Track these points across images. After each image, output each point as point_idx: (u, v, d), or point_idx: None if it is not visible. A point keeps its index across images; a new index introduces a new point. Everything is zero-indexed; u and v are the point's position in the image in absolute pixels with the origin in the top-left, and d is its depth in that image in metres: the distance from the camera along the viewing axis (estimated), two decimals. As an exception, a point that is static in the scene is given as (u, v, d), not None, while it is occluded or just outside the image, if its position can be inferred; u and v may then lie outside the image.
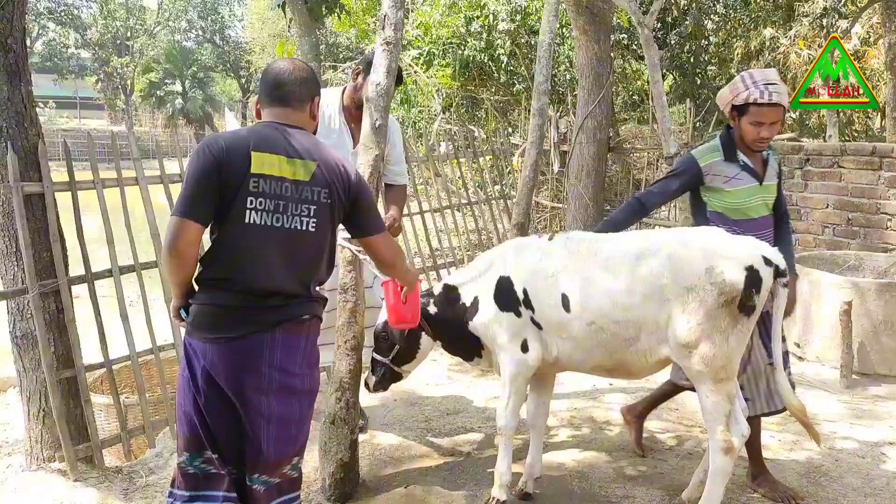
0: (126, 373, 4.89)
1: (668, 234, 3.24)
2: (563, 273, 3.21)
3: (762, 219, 3.47)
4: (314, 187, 2.44)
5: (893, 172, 5.92)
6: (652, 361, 3.17)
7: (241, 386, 2.41)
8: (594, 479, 3.74)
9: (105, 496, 3.65)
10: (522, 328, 3.29)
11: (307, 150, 2.47)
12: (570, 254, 3.25)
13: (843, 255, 5.95)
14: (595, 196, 8.72)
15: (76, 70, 46.78)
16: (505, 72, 12.45)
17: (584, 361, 3.28)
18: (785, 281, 3.07)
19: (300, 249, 2.46)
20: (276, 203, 2.38)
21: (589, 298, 3.13)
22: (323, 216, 2.48)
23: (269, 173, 2.37)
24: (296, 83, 2.55)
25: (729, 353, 3.01)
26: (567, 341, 3.23)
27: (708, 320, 2.96)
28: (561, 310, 3.18)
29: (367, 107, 3.58)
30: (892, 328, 4.98)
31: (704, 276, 2.96)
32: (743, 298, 2.95)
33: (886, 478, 3.72)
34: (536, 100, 5.17)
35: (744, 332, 3.03)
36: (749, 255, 3.00)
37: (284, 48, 9.57)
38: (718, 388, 3.04)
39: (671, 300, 3.01)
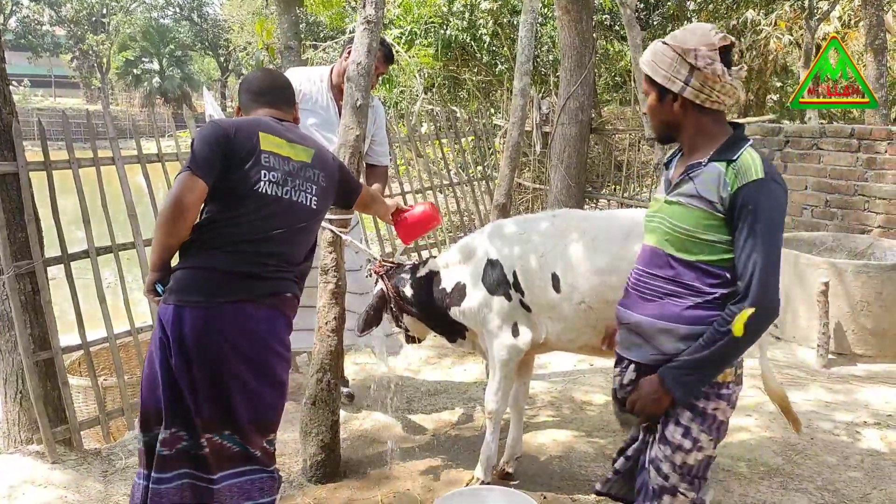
0: (104, 355, 4.85)
1: None
2: (552, 253, 3.21)
3: (646, 251, 2.27)
4: (314, 170, 2.65)
5: (871, 154, 5.97)
6: None
7: (219, 350, 2.41)
8: (574, 459, 3.78)
9: (83, 478, 3.63)
10: (513, 312, 3.28)
11: (304, 139, 2.72)
12: (558, 233, 3.24)
13: (821, 237, 6.00)
14: (577, 177, 8.73)
15: (51, 48, 45.96)
16: (487, 52, 12.38)
17: (574, 341, 3.29)
18: None
19: (299, 223, 2.59)
20: (284, 177, 2.54)
21: (578, 278, 3.13)
22: (322, 197, 2.67)
23: (277, 152, 2.55)
24: (284, 88, 2.79)
25: None
26: (557, 322, 3.23)
27: None
28: (551, 290, 3.18)
29: (349, 86, 3.55)
30: (868, 308, 5.04)
31: None
32: None
33: (861, 455, 3.78)
34: (518, 80, 5.15)
35: None
36: None
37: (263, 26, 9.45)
38: None
39: None
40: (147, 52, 41.81)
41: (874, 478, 3.56)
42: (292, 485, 3.58)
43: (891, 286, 5.00)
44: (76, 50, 43.53)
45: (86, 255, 4.13)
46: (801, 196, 6.46)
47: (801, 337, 5.29)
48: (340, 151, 3.47)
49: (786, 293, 5.37)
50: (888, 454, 3.80)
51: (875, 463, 3.71)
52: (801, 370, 4.96)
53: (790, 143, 6.51)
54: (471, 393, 4.65)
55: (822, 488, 3.47)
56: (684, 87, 2.06)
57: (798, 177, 6.47)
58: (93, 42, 42.41)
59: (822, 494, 3.42)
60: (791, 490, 3.46)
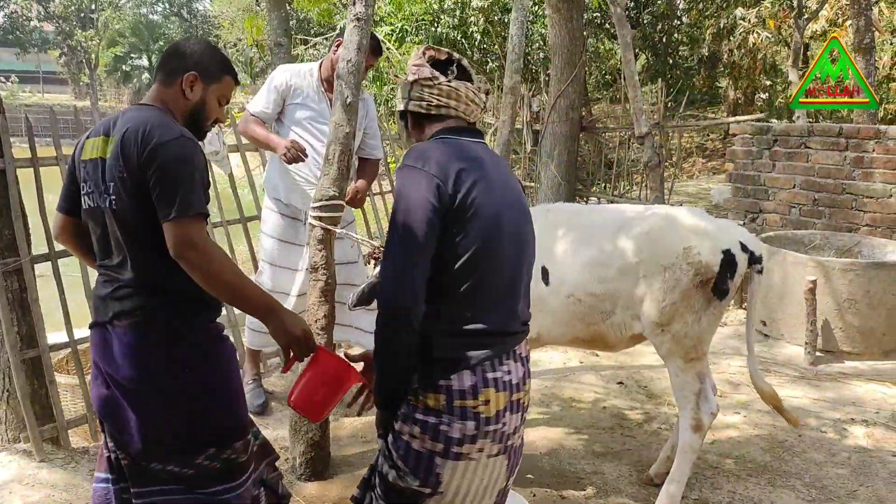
0: (92, 352, 4.82)
1: (650, 210, 3.24)
2: (541, 246, 3.21)
3: None
4: (112, 162, 2.18)
5: (859, 153, 6.00)
6: (626, 336, 3.20)
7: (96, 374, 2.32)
8: (563, 456, 3.79)
9: (71, 477, 3.61)
10: None
11: (122, 126, 2.21)
12: (550, 226, 3.24)
13: (808, 235, 6.03)
14: (567, 175, 8.75)
15: (39, 43, 45.60)
16: (478, 49, 12.40)
17: (564, 334, 3.29)
18: (759, 267, 3.09)
19: (113, 229, 2.22)
20: (92, 184, 2.24)
21: (567, 270, 3.14)
22: (119, 192, 2.16)
23: (89, 157, 2.26)
24: (165, 56, 2.38)
25: (700, 333, 3.06)
26: (546, 315, 3.22)
27: (682, 300, 2.99)
28: (541, 283, 3.17)
29: (338, 83, 3.53)
30: (855, 306, 5.07)
31: (681, 256, 2.99)
32: (717, 281, 2.99)
33: (848, 452, 3.81)
34: (508, 78, 5.15)
35: (716, 314, 3.07)
36: (727, 239, 3.03)
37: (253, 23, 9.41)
38: (688, 367, 3.11)
39: (647, 277, 3.04)
40: (136, 49, 41.51)
41: (861, 474, 3.59)
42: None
43: (878, 284, 5.03)
44: (64, 46, 43.20)
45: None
46: (789, 195, 6.49)
47: (789, 335, 5.32)
48: (330, 148, 3.47)
49: (774, 291, 5.40)
50: (875, 451, 3.83)
51: (862, 460, 3.74)
52: (789, 367, 4.99)
53: (778, 142, 6.54)
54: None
55: (810, 485, 3.50)
56: (408, 102, 2.11)
57: (786, 175, 6.50)
58: (81, 38, 42.08)
59: (809, 491, 3.44)
60: (779, 487, 3.48)
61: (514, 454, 2.04)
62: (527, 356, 2.06)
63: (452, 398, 1.89)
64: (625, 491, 3.45)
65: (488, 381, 1.91)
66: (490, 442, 1.93)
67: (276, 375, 4.80)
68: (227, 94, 2.43)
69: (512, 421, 1.97)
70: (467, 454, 1.91)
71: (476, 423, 1.90)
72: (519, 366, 2.00)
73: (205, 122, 2.40)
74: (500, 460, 1.97)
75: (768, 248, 5.50)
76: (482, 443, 1.91)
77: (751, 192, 6.80)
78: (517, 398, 1.98)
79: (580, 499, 3.39)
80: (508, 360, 1.97)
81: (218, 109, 2.42)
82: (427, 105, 2.07)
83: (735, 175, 6.96)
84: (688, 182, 13.25)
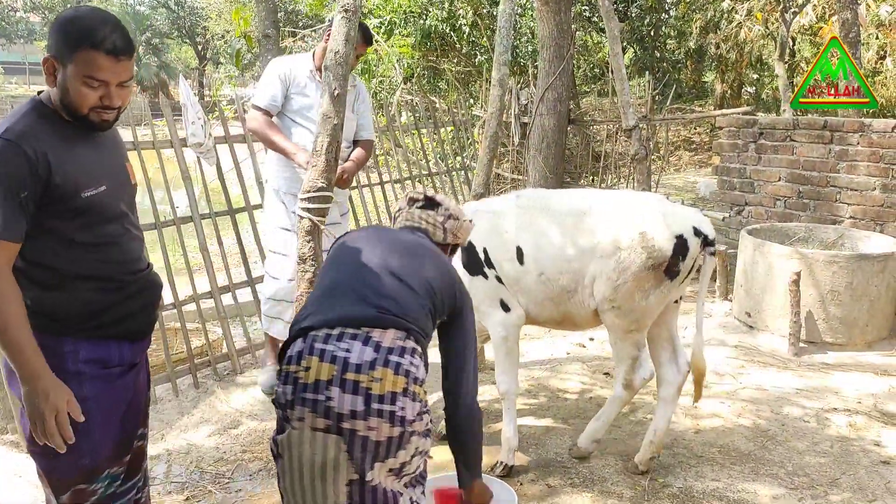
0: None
1: (610, 195, 3.50)
2: (516, 228, 3.40)
3: None
4: None
5: (844, 146, 6.05)
6: (589, 313, 3.39)
7: None
8: (550, 446, 3.82)
9: (60, 468, 3.61)
10: (495, 289, 3.42)
11: None
12: (521, 210, 3.44)
13: (793, 227, 6.08)
14: (555, 168, 8.78)
15: (25, 34, 45.14)
16: (467, 42, 12.38)
17: (539, 315, 3.48)
18: (712, 250, 3.30)
19: None
20: None
21: (539, 250, 3.33)
22: None
23: None
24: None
25: (646, 309, 3.29)
26: (523, 295, 3.41)
27: (633, 280, 3.21)
28: (516, 263, 3.36)
29: (326, 75, 3.54)
30: (838, 298, 5.13)
31: (637, 239, 3.19)
32: (670, 264, 3.20)
33: (830, 441, 3.86)
34: (496, 70, 5.16)
35: (664, 293, 3.28)
36: (680, 225, 3.23)
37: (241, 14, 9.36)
38: (627, 336, 3.37)
39: (603, 257, 3.24)
40: (123, 40, 41.20)
41: (843, 463, 3.64)
42: (270, 473, 3.59)
43: (860, 276, 5.09)
44: (50, 37, 42.81)
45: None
46: (774, 187, 6.55)
47: (773, 326, 5.37)
48: (319, 140, 3.48)
49: (758, 283, 5.45)
50: (856, 440, 3.88)
51: (844, 448, 3.79)
52: (772, 358, 5.05)
53: (764, 135, 6.58)
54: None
55: (793, 473, 3.55)
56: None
57: (772, 168, 6.55)
58: (67, 29, 41.71)
59: (792, 479, 3.49)
60: (762, 475, 3.53)
61: (357, 441, 1.99)
62: (390, 347, 2.06)
63: (283, 364, 2.09)
64: (610, 479, 3.49)
65: (314, 349, 2.03)
66: (309, 412, 1.99)
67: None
68: (95, 71, 1.95)
69: (344, 400, 1.97)
70: (290, 420, 2.03)
71: (294, 387, 2.02)
72: (368, 349, 2.03)
73: (79, 112, 2.01)
74: (333, 440, 1.98)
75: (753, 240, 5.55)
76: (301, 410, 2.00)
77: (737, 184, 6.85)
78: (353, 378, 1.98)
79: (567, 487, 3.42)
80: (353, 341, 2.03)
81: (91, 93, 1.98)
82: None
83: (721, 168, 7.01)
84: (675, 175, 13.31)
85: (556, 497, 3.34)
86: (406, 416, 2.01)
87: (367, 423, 1.98)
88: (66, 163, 2.00)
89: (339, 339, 2.04)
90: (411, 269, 2.26)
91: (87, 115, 2.01)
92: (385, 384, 1.99)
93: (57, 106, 2.03)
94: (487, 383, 4.64)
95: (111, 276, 2.15)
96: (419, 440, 2.07)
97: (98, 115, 2.03)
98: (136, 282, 2.24)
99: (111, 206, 2.14)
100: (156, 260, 4.55)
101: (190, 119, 4.72)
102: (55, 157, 1.97)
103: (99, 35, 1.93)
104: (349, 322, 2.07)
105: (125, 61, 1.99)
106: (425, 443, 2.11)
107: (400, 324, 2.11)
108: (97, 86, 1.96)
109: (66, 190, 2.00)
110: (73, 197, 2.02)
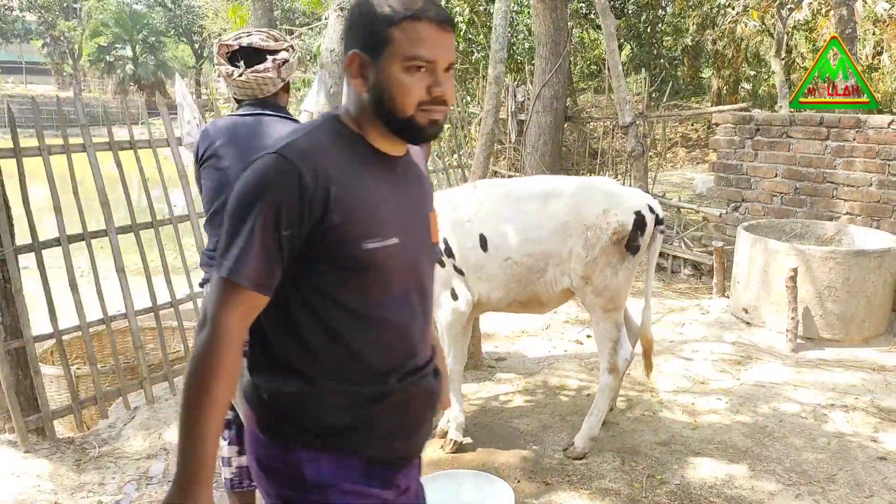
0: (78, 343, 4.82)
1: (566, 180, 3.69)
2: (476, 217, 3.56)
3: None
4: None
5: (840, 142, 6.05)
6: (557, 292, 3.59)
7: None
8: (548, 443, 3.82)
9: (57, 467, 3.61)
10: (449, 278, 3.59)
11: None
12: (479, 200, 3.61)
13: (790, 223, 6.09)
14: (552, 165, 8.78)
15: (21, 33, 45.05)
16: (463, 40, 12.37)
17: (503, 299, 3.65)
18: (662, 228, 3.61)
19: None
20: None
21: (504, 236, 3.50)
22: None
23: None
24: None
25: (617, 286, 3.53)
26: (485, 282, 3.59)
27: (602, 255, 3.46)
28: (479, 251, 3.53)
29: (322, 73, 3.55)
30: (835, 294, 5.13)
31: (601, 217, 3.46)
32: (630, 239, 3.48)
33: (828, 437, 3.87)
34: (493, 67, 5.16)
35: (629, 269, 3.55)
36: (637, 202, 3.52)
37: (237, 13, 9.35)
38: (607, 316, 3.59)
39: (573, 236, 3.47)
40: (120, 39, 41.05)
41: (840, 459, 3.65)
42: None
43: (857, 272, 5.10)
44: (47, 36, 42.69)
45: (57, 244, 4.10)
46: (771, 184, 6.55)
47: (770, 322, 5.38)
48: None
49: (755, 279, 5.45)
50: (853, 436, 3.89)
51: (841, 444, 3.80)
52: (770, 354, 5.05)
53: (760, 131, 6.59)
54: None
55: (790, 469, 3.55)
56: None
57: (769, 164, 6.55)
58: (64, 28, 41.60)
59: (789, 476, 3.50)
60: (759, 471, 3.53)
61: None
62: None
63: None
64: (608, 476, 3.49)
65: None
66: None
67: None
68: (419, 47, 1.47)
69: None
70: None
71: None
72: None
73: (403, 114, 1.51)
74: None
75: (751, 236, 5.55)
76: None
77: (733, 181, 6.85)
78: None
79: (564, 485, 3.42)
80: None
81: (416, 83, 1.49)
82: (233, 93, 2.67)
83: (718, 164, 7.01)
84: (672, 172, 13.32)
85: (554, 494, 3.34)
86: None
87: None
88: (351, 198, 1.48)
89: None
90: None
91: (413, 117, 1.50)
92: None
93: (360, 120, 1.55)
94: (486, 381, 4.65)
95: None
96: None
97: (426, 115, 1.50)
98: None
99: (400, 266, 1.56)
100: (152, 259, 4.57)
101: (186, 119, 4.71)
102: (339, 189, 1.46)
103: (417, 2, 1.48)
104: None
105: (450, 33, 1.52)
106: None
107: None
108: (423, 70, 1.47)
109: (342, 235, 1.47)
110: (351, 245, 1.48)
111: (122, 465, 3.69)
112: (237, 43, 2.54)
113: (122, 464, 3.69)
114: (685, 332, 5.53)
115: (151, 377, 4.38)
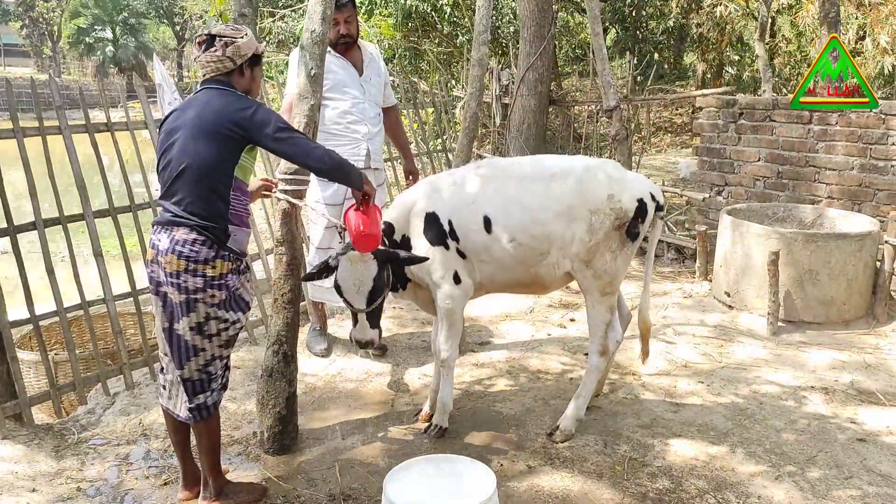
0: (56, 329, 4.76)
1: (576, 161, 3.63)
2: (481, 197, 3.51)
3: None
4: None
5: (823, 126, 6.07)
6: (559, 274, 3.58)
7: None
8: (531, 426, 3.83)
9: (35, 453, 3.57)
10: (452, 261, 3.53)
11: None
12: (484, 179, 3.56)
13: (772, 207, 6.11)
14: (536, 149, 8.75)
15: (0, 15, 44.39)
16: (448, 23, 12.29)
17: (506, 281, 3.64)
18: (662, 214, 3.64)
19: None
20: None
21: (509, 216, 3.46)
22: None
23: None
24: None
25: (615, 270, 3.55)
26: (489, 264, 3.55)
27: (604, 240, 3.47)
28: (483, 233, 3.48)
29: (303, 55, 3.49)
30: (816, 277, 5.16)
31: (606, 202, 3.46)
32: (631, 225, 3.50)
33: (807, 419, 3.90)
34: (476, 50, 5.11)
35: (628, 255, 3.57)
36: (640, 189, 3.54)
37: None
38: (603, 300, 3.59)
39: (577, 219, 3.46)
40: (100, 20, 40.50)
41: (820, 440, 3.68)
42: (249, 457, 3.57)
43: (838, 255, 5.12)
44: (26, 17, 42.06)
45: (33, 228, 4.03)
46: (754, 167, 6.56)
47: (752, 305, 5.40)
48: (295, 121, 3.43)
49: (737, 263, 5.47)
50: (833, 418, 3.92)
51: (821, 426, 3.83)
52: (751, 337, 5.08)
53: (744, 115, 6.59)
54: (426, 367, 4.67)
55: (770, 451, 3.58)
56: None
57: (752, 148, 6.56)
58: (43, 9, 41.01)
59: (769, 457, 3.52)
60: (740, 453, 3.55)
61: (167, 301, 2.89)
62: (177, 239, 2.82)
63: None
64: (591, 459, 3.50)
65: (152, 240, 2.90)
66: (148, 281, 2.97)
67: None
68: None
69: (158, 273, 2.88)
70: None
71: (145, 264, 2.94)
72: (165, 240, 2.84)
73: None
74: (156, 300, 2.94)
75: (733, 220, 5.57)
76: (147, 277, 2.96)
77: (716, 165, 6.86)
78: (160, 259, 2.85)
79: (546, 468, 3.43)
80: (162, 234, 2.86)
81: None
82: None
83: (701, 149, 7.02)
84: (655, 156, 13.33)
85: (536, 477, 3.35)
86: (188, 287, 2.82)
87: (167, 289, 2.86)
88: None
89: (157, 232, 2.87)
90: (195, 151, 2.83)
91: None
92: (172, 265, 2.81)
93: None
94: (469, 364, 4.64)
95: None
96: (208, 308, 2.86)
97: None
98: None
99: None
100: (132, 244, 4.52)
101: (167, 100, 4.64)
102: None
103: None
104: (161, 222, 2.88)
105: None
106: (219, 312, 2.89)
107: (184, 223, 2.83)
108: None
109: None
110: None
111: (101, 450, 3.65)
112: (206, 34, 3.00)
113: (101, 450, 3.66)
114: (668, 316, 5.55)
115: (131, 363, 4.34)
